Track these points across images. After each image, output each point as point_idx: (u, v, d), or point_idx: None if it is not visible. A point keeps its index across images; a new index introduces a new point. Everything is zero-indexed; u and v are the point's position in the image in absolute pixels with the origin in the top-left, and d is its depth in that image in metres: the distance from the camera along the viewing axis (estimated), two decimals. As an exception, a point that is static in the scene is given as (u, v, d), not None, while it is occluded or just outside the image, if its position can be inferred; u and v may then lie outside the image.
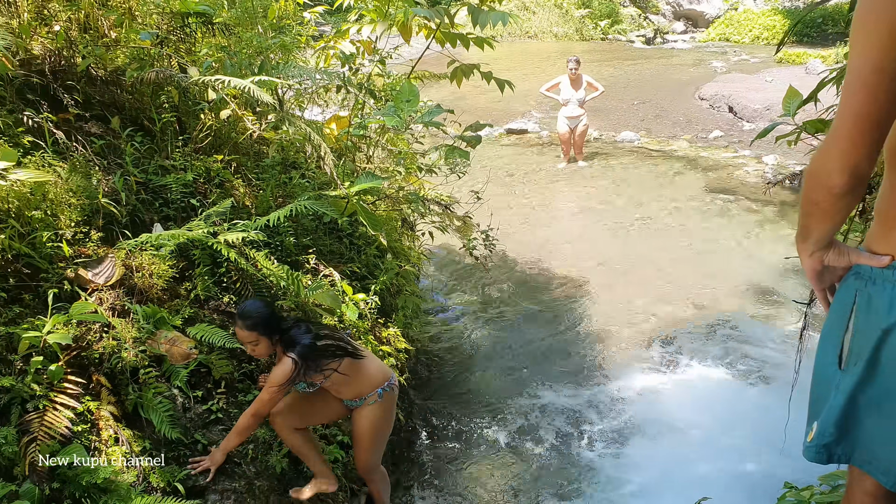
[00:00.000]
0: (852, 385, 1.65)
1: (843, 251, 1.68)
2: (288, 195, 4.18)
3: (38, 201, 3.00)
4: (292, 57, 4.77)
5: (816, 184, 1.55)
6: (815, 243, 1.68)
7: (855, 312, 1.64)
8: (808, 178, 1.57)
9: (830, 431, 1.70)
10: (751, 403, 4.83)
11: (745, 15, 21.73)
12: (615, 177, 9.73)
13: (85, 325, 2.85)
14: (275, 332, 2.88)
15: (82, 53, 3.86)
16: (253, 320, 2.81)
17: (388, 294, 4.56)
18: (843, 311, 1.68)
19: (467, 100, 12.16)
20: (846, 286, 1.69)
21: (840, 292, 1.73)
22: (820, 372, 1.79)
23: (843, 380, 1.68)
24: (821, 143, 1.56)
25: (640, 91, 14.13)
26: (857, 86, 1.42)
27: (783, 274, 6.64)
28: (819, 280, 1.78)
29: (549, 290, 6.68)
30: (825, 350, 1.76)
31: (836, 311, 1.72)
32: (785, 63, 15.81)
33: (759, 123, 11.42)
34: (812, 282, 1.81)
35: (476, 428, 4.76)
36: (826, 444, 1.73)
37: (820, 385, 1.79)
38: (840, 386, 1.68)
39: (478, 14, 4.16)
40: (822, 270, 1.75)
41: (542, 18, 21.67)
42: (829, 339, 1.74)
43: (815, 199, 1.58)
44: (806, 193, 1.60)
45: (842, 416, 1.68)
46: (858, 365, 1.63)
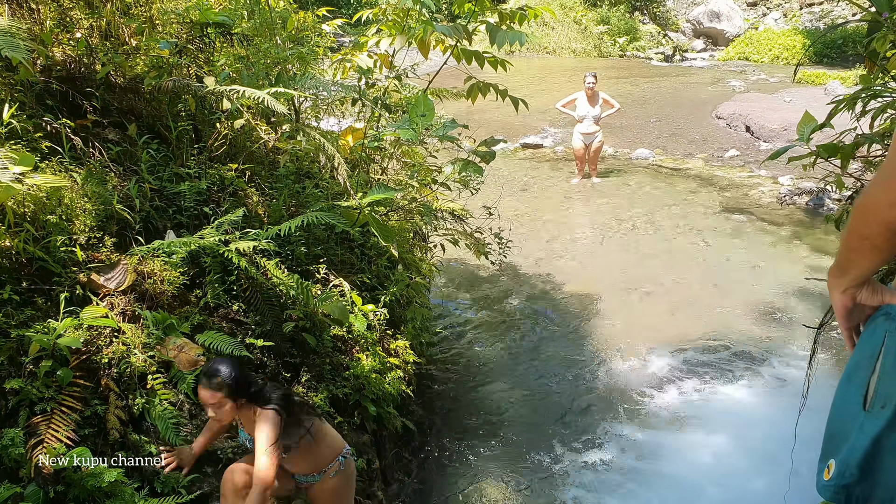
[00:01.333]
0: (879, 428, 1.60)
1: (877, 290, 1.63)
2: (301, 205, 4.21)
3: (54, 206, 3.04)
4: (309, 68, 4.80)
5: (870, 218, 1.48)
6: (854, 279, 1.63)
7: (883, 354, 1.58)
8: (860, 210, 1.52)
9: (852, 472, 1.67)
10: (758, 426, 4.79)
11: (765, 34, 21.69)
12: (629, 194, 9.72)
13: (95, 329, 2.88)
14: (242, 395, 2.72)
15: (102, 60, 3.92)
16: (220, 380, 2.64)
17: (397, 305, 4.57)
18: (870, 352, 1.63)
19: (483, 114, 12.20)
20: (875, 326, 1.64)
21: (868, 332, 1.68)
22: (840, 410, 1.75)
23: (868, 422, 1.63)
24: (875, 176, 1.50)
25: (657, 108, 14.12)
26: None
27: (795, 296, 6.60)
28: (847, 318, 1.73)
29: (559, 305, 6.67)
30: (848, 389, 1.71)
31: (863, 351, 1.67)
32: (804, 83, 15.75)
33: (776, 143, 11.38)
34: (840, 319, 1.74)
35: (481, 443, 4.75)
36: (846, 484, 1.69)
37: (839, 424, 1.75)
38: (864, 427, 1.64)
39: (495, 33, 4.19)
40: (853, 308, 1.71)
41: (560, 34, 21.73)
42: (854, 378, 1.69)
43: (865, 233, 1.51)
44: (854, 227, 1.54)
45: (865, 458, 1.64)
46: (888, 409, 1.59)
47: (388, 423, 4.02)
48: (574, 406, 5.13)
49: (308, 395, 3.45)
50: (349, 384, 3.68)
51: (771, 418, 4.84)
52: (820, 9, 24.09)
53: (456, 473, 4.47)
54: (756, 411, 5.01)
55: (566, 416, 5.01)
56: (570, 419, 4.98)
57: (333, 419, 3.51)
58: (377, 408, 3.82)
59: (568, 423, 4.93)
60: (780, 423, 4.50)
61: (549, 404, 5.16)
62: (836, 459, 1.72)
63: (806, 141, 2.99)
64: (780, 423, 4.50)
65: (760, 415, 4.95)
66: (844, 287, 1.66)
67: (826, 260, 7.22)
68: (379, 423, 3.98)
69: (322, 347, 3.68)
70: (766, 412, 4.97)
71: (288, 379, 3.48)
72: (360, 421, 3.74)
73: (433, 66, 5.11)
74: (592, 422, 4.94)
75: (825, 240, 7.81)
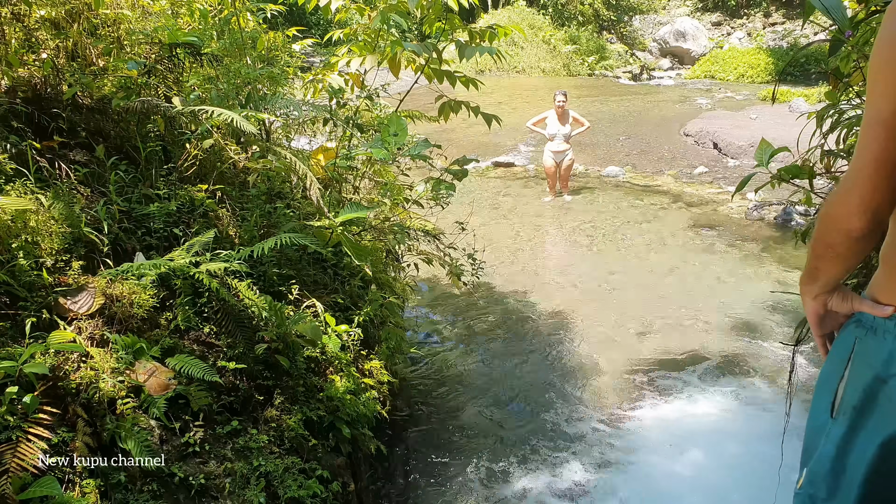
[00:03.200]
0: (840, 434, 1.62)
1: (846, 297, 1.65)
2: (273, 225, 4.18)
3: (19, 229, 2.98)
4: (279, 88, 4.79)
5: (833, 227, 1.52)
6: (823, 286, 1.66)
7: (852, 360, 1.61)
8: (824, 220, 1.55)
9: (819, 483, 1.67)
10: (740, 445, 4.78)
11: (730, 53, 22.13)
12: (600, 211, 9.80)
13: (62, 354, 2.81)
14: None
15: (69, 81, 3.87)
16: None
17: (371, 326, 4.54)
18: (840, 359, 1.65)
19: (455, 132, 12.26)
20: (846, 333, 1.67)
21: (839, 339, 1.70)
22: (813, 419, 1.77)
23: (833, 429, 1.65)
24: (837, 187, 1.54)
25: (626, 126, 14.29)
26: (878, 129, 1.39)
27: (768, 310, 6.68)
28: (820, 325, 1.75)
29: (534, 322, 6.67)
30: (820, 397, 1.73)
31: (834, 357, 1.69)
32: (769, 101, 16.05)
33: (743, 160, 11.58)
34: (812, 326, 1.77)
35: (457, 463, 4.72)
36: (813, 494, 1.69)
37: (812, 432, 1.77)
38: (830, 434, 1.66)
39: (464, 49, 4.22)
40: (825, 315, 1.72)
41: (530, 54, 21.97)
42: (825, 386, 1.71)
43: (829, 241, 1.55)
44: (819, 236, 1.58)
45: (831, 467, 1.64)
46: (847, 414, 1.61)
47: (363, 445, 3.97)
48: (550, 424, 5.11)
49: (282, 418, 3.40)
50: (323, 406, 3.64)
51: (753, 436, 4.84)
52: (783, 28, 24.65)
53: (433, 493, 4.43)
54: (737, 429, 5.00)
55: (543, 434, 4.99)
56: (547, 437, 4.96)
57: (308, 442, 3.46)
58: (352, 430, 3.77)
59: (544, 441, 4.91)
60: (761, 441, 4.52)
61: (525, 422, 5.14)
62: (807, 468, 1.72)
63: (766, 166, 3.02)
64: (761, 441, 4.52)
65: (742, 433, 4.95)
66: (815, 294, 1.70)
67: (795, 274, 7.31)
68: (354, 446, 3.93)
69: (295, 369, 3.63)
70: (746, 430, 4.97)
71: (261, 402, 3.44)
72: (334, 443, 3.69)
73: (404, 85, 5.12)
74: (569, 440, 4.93)
75: (794, 255, 7.92)
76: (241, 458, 3.13)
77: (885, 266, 1.59)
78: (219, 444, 3.12)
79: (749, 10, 26.60)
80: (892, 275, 1.56)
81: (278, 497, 3.20)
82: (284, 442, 3.37)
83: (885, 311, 1.54)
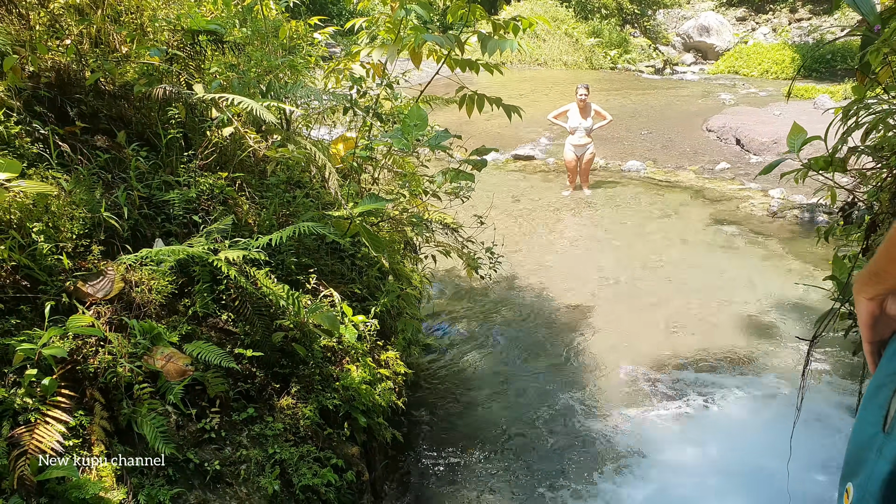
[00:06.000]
0: None
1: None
2: (291, 214, 4.18)
3: (41, 213, 3.00)
4: (301, 77, 4.78)
5: None
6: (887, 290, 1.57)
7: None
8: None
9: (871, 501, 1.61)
10: (753, 440, 4.76)
11: (754, 49, 21.85)
12: (620, 206, 9.73)
13: (81, 338, 2.83)
14: None
15: (92, 67, 3.88)
16: None
17: (388, 317, 4.54)
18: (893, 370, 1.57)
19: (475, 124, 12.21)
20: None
21: (892, 349, 1.62)
22: (860, 432, 1.69)
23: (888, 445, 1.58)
24: None
25: (648, 121, 14.18)
26: None
27: (787, 308, 6.61)
28: (872, 329, 1.66)
29: (550, 317, 6.65)
30: (869, 409, 1.65)
31: (886, 369, 1.60)
32: (793, 97, 15.86)
33: (766, 157, 11.44)
34: (863, 329, 1.66)
35: (471, 456, 4.71)
36: None
37: (859, 446, 1.70)
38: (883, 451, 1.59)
39: (486, 41, 4.19)
40: (880, 317, 1.66)
41: (552, 47, 21.84)
42: (875, 398, 1.64)
43: None
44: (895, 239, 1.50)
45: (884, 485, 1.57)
46: None
47: (378, 435, 3.97)
48: (564, 419, 5.10)
49: (297, 407, 3.41)
50: (339, 395, 3.64)
51: (766, 431, 4.81)
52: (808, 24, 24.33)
53: (446, 486, 4.43)
54: (750, 425, 4.98)
55: (557, 430, 4.97)
56: (562, 433, 4.94)
57: (323, 430, 3.47)
58: (367, 419, 3.78)
59: (559, 437, 4.90)
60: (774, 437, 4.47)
61: (539, 417, 5.12)
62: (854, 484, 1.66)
63: (797, 152, 2.98)
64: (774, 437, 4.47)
65: (755, 428, 4.92)
66: (873, 294, 1.60)
67: (817, 271, 7.23)
68: (369, 435, 3.94)
69: (312, 358, 3.64)
70: (760, 425, 4.94)
71: (277, 390, 3.45)
72: (349, 432, 3.69)
73: (425, 76, 5.10)
74: (584, 434, 4.91)
75: (816, 253, 7.82)
76: (257, 446, 3.14)
77: None
78: (234, 431, 3.14)
79: (774, 5, 26.28)
80: None
81: (292, 485, 3.21)
82: (300, 430, 3.38)
83: None
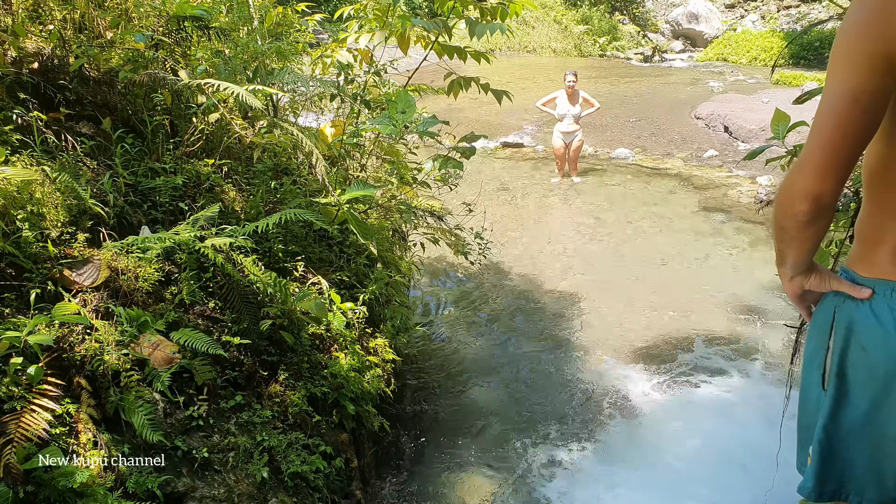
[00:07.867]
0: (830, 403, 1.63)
1: (824, 277, 1.67)
2: (279, 201, 4.16)
3: (25, 200, 2.97)
4: (288, 63, 4.75)
5: (783, 211, 1.54)
6: (792, 268, 1.67)
7: (834, 329, 1.63)
8: (776, 205, 1.58)
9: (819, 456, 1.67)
10: (740, 429, 4.79)
11: (743, 36, 21.89)
12: (609, 193, 9.75)
13: (67, 326, 2.82)
14: None
15: (76, 53, 3.84)
16: None
17: (377, 304, 4.53)
18: (823, 331, 1.67)
19: (463, 112, 12.20)
20: (825, 305, 1.69)
21: (819, 312, 1.71)
22: (806, 395, 1.77)
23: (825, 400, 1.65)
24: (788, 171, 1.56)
25: (637, 108, 14.19)
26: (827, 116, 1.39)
27: (775, 295, 6.65)
28: (801, 301, 1.78)
29: (539, 304, 6.66)
30: (810, 372, 1.74)
31: (817, 330, 1.71)
32: (782, 84, 15.90)
33: (754, 144, 11.47)
34: (794, 302, 1.80)
35: (461, 442, 4.73)
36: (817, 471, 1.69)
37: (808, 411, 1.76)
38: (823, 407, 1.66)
39: (474, 26, 4.17)
40: (804, 294, 1.74)
41: (541, 34, 21.80)
42: (813, 360, 1.72)
43: (783, 225, 1.57)
44: (775, 220, 1.60)
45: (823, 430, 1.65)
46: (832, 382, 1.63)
47: (366, 422, 3.98)
48: (554, 405, 5.12)
49: (286, 394, 3.41)
50: (327, 383, 3.64)
51: (753, 420, 4.84)
52: (797, 11, 24.36)
53: (436, 472, 4.44)
54: (737, 414, 5.01)
55: (546, 416, 4.99)
56: (551, 418, 4.96)
57: (311, 418, 3.47)
58: (356, 406, 3.78)
59: (548, 422, 4.92)
60: (763, 424, 4.52)
61: (529, 404, 5.15)
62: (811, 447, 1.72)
63: (781, 139, 2.98)
64: (763, 424, 4.52)
65: (741, 417, 4.96)
66: (789, 276, 1.71)
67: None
68: (358, 422, 3.94)
69: (300, 345, 3.63)
70: (748, 413, 4.98)
71: (265, 377, 3.44)
72: (338, 420, 3.70)
73: (413, 62, 5.08)
74: (573, 420, 4.93)
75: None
76: (245, 433, 3.14)
77: (860, 240, 1.61)
78: (222, 419, 3.13)
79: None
80: (866, 248, 1.59)
81: (281, 471, 3.21)
82: (288, 417, 3.38)
83: (864, 293, 1.56)
